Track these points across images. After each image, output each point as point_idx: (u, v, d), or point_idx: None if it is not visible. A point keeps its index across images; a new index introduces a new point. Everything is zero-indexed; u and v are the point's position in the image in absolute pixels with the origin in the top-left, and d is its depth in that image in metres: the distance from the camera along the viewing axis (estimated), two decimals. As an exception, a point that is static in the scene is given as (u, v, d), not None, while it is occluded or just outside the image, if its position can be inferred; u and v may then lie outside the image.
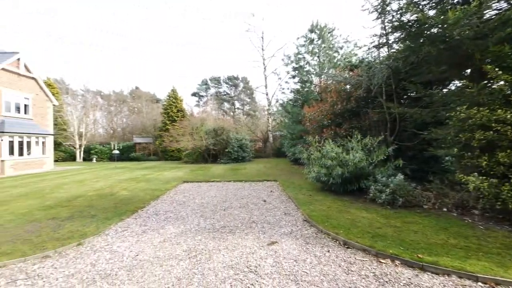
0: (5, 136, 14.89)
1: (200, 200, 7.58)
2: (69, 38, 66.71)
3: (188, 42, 73.23)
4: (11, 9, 59.84)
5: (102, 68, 67.60)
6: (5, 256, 3.78)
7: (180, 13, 68.17)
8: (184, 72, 73.60)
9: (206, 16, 66.35)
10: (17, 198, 7.73)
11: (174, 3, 65.09)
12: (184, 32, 73.31)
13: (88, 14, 64.82)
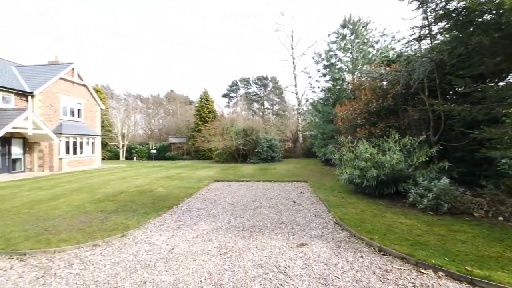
0: (63, 137, 16.93)
1: (231, 199, 7.78)
2: (69, 38, 68.71)
3: (218, 45, 75.56)
4: (11, 9, 62.24)
5: (142, 73, 73.08)
6: (64, 242, 4.31)
7: (218, 19, 70.51)
8: (215, 74, 76.12)
9: (234, 18, 67.69)
10: (72, 192, 8.76)
11: (189, 3, 66.80)
12: (214, 36, 75.79)
13: (88, 14, 66.81)
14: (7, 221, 5.47)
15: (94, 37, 71.77)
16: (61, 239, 4.45)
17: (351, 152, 8.21)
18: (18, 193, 8.69)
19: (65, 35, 68.45)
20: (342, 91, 16.68)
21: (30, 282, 3.21)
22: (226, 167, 17.62)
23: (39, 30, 67.34)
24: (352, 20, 19.47)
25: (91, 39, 72.51)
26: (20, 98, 15.36)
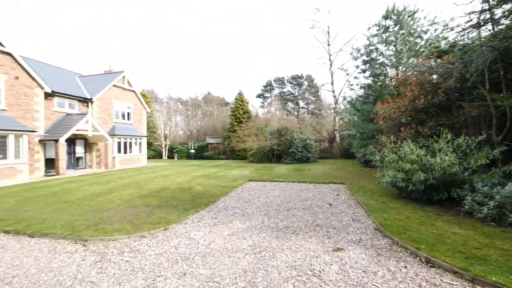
0: (115, 138, 18.97)
1: (265, 199, 7.84)
2: (69, 38, 68.36)
3: (253, 46, 76.57)
4: (11, 9, 61.38)
5: (182, 76, 77.86)
6: (117, 232, 4.84)
7: (250, 20, 71.75)
8: (250, 75, 77.31)
9: (273, 18, 67.74)
10: (123, 187, 9.77)
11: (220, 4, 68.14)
12: (248, 37, 77.01)
13: (88, 14, 66.66)
14: (73, 211, 6.35)
15: (94, 37, 72.13)
16: (114, 229, 5.00)
17: (394, 153, 7.60)
18: (80, 186, 10.01)
19: (65, 35, 68.66)
20: (384, 88, 15.53)
21: (91, 265, 3.68)
22: (260, 167, 17.78)
23: (39, 30, 66.98)
24: (396, 10, 17.99)
25: (91, 39, 72.68)
26: (82, 104, 17.65)
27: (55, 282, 3.23)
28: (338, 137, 27.13)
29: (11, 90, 13.01)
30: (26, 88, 13.78)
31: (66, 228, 5.08)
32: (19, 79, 13.43)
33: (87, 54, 69.35)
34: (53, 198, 7.94)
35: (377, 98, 15.08)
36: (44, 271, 3.52)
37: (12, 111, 13.07)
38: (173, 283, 3.15)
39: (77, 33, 69.95)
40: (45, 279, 3.31)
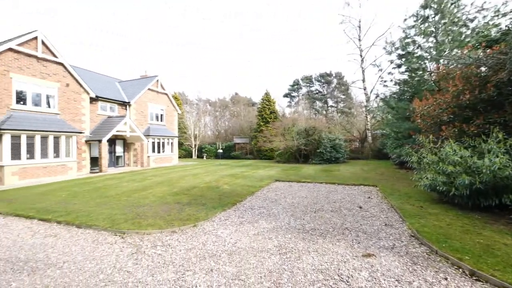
0: (150, 138, 20.25)
1: (291, 199, 7.75)
2: (69, 38, 67.07)
3: (281, 46, 76.18)
4: (11, 9, 60.97)
5: (211, 78, 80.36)
6: (150, 226, 5.17)
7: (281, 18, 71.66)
8: (277, 74, 77.02)
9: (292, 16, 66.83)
10: (156, 184, 10.40)
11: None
12: (274, 36, 76.75)
13: (88, 14, 65.81)
14: (113, 205, 6.92)
15: (94, 37, 72.99)
16: (148, 223, 5.34)
17: (433, 154, 6.99)
18: (120, 183, 10.87)
19: (65, 35, 68.27)
20: (422, 83, 14.37)
21: (127, 256, 3.98)
22: (287, 167, 17.62)
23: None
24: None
25: (91, 39, 73.23)
26: (121, 107, 19.16)
27: (98, 270, 3.55)
28: (370, 136, 25.74)
29: (62, 96, 14.62)
30: (75, 94, 15.36)
31: (107, 221, 5.56)
32: (69, 86, 15.03)
33: (88, 54, 70.49)
34: (97, 193, 8.75)
35: (414, 95, 14.02)
36: (89, 259, 3.90)
37: (64, 115, 14.67)
38: (200, 278, 3.27)
39: (77, 33, 70.58)
40: (89, 266, 3.66)
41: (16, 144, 11.93)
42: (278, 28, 74.23)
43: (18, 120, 12.19)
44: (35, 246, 4.47)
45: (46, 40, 13.69)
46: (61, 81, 14.56)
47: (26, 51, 12.84)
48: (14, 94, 12.48)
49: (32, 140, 12.50)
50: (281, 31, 75.27)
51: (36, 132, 12.53)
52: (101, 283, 3.21)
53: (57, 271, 3.54)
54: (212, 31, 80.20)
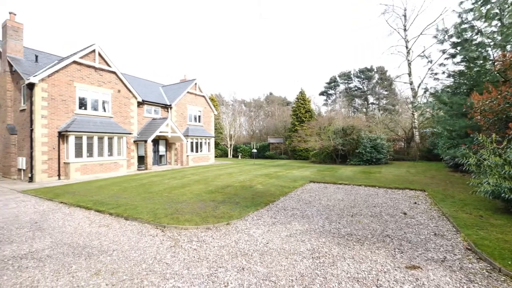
0: (189, 138, 21.44)
1: (326, 202, 7.44)
2: (116, 46, 76.03)
3: (316, 42, 74.00)
4: (62, 21, 66.86)
5: (245, 79, 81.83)
6: (187, 222, 5.46)
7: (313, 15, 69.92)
8: (313, 72, 75.00)
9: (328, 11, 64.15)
10: (194, 182, 10.95)
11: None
12: (310, 34, 74.72)
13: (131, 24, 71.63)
14: (155, 201, 7.49)
15: (138, 44, 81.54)
16: (185, 219, 5.65)
17: (497, 155, 6.02)
18: (162, 180, 11.73)
19: (112, 43, 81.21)
20: (483, 74, 12.54)
21: (166, 249, 4.26)
22: (323, 168, 17.01)
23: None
24: (502, -25, 14.22)
25: (134, 46, 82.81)
26: (164, 110, 20.67)
27: (141, 260, 3.87)
28: (418, 136, 23.38)
29: (115, 101, 16.35)
30: (125, 99, 17.06)
31: (150, 214, 6.04)
32: (120, 92, 16.74)
33: (136, 60, 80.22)
34: (142, 188, 9.57)
35: (473, 88, 12.32)
36: (134, 249, 4.28)
37: (116, 118, 16.39)
38: (232, 276, 3.33)
39: (124, 40, 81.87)
40: (134, 256, 4.01)
41: (79, 144, 13.71)
42: (312, 25, 72.17)
43: (80, 123, 14.01)
44: (91, 234, 5.07)
45: (102, 52, 15.46)
46: (114, 88, 16.29)
47: (86, 63, 14.68)
48: (77, 100, 14.37)
49: (91, 141, 14.23)
50: (315, 27, 73.06)
51: (94, 134, 14.23)
52: (143, 272, 3.49)
53: (108, 258, 3.95)
54: (247, 32, 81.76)
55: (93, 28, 77.99)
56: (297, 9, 78.13)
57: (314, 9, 76.94)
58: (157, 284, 3.16)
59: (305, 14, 79.36)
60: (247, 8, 79.67)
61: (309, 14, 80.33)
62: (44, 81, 12.94)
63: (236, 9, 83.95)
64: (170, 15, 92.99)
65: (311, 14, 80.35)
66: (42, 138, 12.84)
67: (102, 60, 15.62)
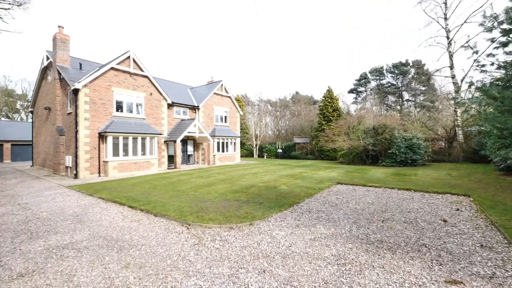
0: (215, 138, 21.97)
1: (354, 205, 7.06)
2: (147, 50, 77.82)
3: (344, 38, 71.19)
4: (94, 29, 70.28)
5: (271, 79, 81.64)
6: (211, 221, 5.55)
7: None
8: (341, 69, 72.31)
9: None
10: (219, 181, 11.16)
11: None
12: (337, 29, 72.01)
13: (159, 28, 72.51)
14: (182, 199, 7.77)
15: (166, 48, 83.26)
16: (209, 218, 5.75)
17: (561, 157, 5.17)
18: (189, 179, 12.15)
19: (143, 48, 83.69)
20: (543, 63, 10.90)
21: (190, 246, 4.36)
22: (351, 169, 16.24)
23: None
24: None
25: (162, 49, 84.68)
26: (192, 111, 21.44)
27: (166, 256, 4.01)
28: (461, 135, 21.19)
29: (147, 104, 17.37)
30: (156, 101, 18.03)
31: (177, 212, 6.26)
32: (152, 95, 17.74)
33: (164, 63, 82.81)
34: (171, 186, 10.00)
35: (529, 80, 10.75)
36: (160, 245, 4.45)
37: (148, 119, 17.40)
38: (253, 278, 3.29)
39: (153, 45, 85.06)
40: (160, 251, 4.17)
41: (116, 144, 14.81)
42: (338, 22, 69.53)
43: (117, 125, 15.11)
44: (124, 228, 5.40)
45: (136, 58, 16.51)
46: (146, 91, 17.31)
47: (122, 69, 15.79)
48: (115, 103, 15.52)
49: (126, 141, 15.28)
50: (342, 24, 70.30)
51: (129, 134, 15.25)
52: (167, 268, 3.60)
53: (137, 252, 4.16)
54: (273, 32, 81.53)
55: (127, 35, 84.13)
56: (324, 6, 75.89)
57: (342, 5, 74.06)
58: (180, 281, 3.23)
59: (332, 11, 76.77)
60: (271, 8, 79.55)
61: (336, 11, 77.54)
62: (86, 86, 14.19)
63: (259, 9, 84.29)
64: (202, 20, 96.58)
65: (338, 11, 77.48)
66: (85, 139, 14.09)
67: (136, 66, 16.67)
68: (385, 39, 65.29)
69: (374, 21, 67.07)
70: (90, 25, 75.23)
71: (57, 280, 3.32)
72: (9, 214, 6.69)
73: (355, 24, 72.24)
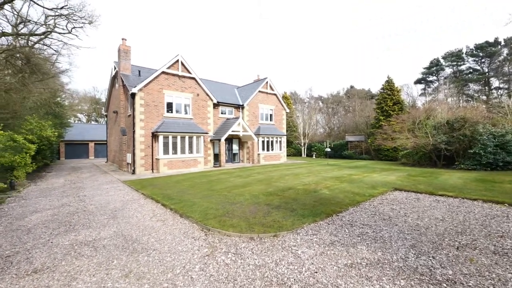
0: (260, 137, 21.56)
1: (415, 220, 5.48)
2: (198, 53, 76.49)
3: (403, 23, 62.35)
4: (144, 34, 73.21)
5: (324, 74, 77.42)
6: (232, 228, 4.96)
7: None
8: (404, 57, 63.61)
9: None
10: (256, 182, 10.57)
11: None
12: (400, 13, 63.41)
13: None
14: (212, 200, 7.44)
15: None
16: (231, 224, 5.18)
17: None
18: (228, 178, 11.95)
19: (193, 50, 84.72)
20: None
21: (199, 258, 3.85)
22: (416, 172, 13.54)
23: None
24: None
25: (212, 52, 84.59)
26: (237, 110, 21.53)
27: (170, 267, 3.58)
28: None
29: (194, 104, 18.09)
30: (202, 101, 18.65)
31: (201, 214, 5.92)
32: (199, 96, 18.41)
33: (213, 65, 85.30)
34: (208, 185, 9.90)
35: None
36: (171, 252, 4.08)
37: (195, 119, 18.12)
38: (257, 314, 2.53)
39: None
40: (167, 260, 3.78)
41: (166, 143, 15.81)
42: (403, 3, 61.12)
43: (167, 125, 16.12)
44: (147, 228, 5.29)
45: (184, 61, 17.34)
46: (193, 92, 18.05)
47: (172, 72, 16.78)
48: (165, 105, 16.60)
49: (175, 140, 16.18)
50: (407, 5, 61.56)
51: (177, 133, 16.10)
52: (165, 283, 3.15)
53: (145, 258, 3.87)
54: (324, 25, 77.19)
55: (178, 40, 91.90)
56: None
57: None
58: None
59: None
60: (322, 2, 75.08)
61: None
62: (141, 90, 15.51)
63: (311, 4, 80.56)
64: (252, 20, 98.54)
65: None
66: (140, 138, 15.44)
67: (184, 68, 17.51)
68: (457, 20, 54.22)
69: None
70: (149, 36, 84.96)
71: (59, 283, 3.21)
72: (66, 205, 7.48)
73: (423, 7, 62.15)
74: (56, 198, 8.48)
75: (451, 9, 57.56)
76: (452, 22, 57.82)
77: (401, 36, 69.38)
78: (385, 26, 75.20)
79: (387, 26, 74.84)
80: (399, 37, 69.88)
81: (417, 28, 66.09)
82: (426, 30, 63.85)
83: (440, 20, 61.09)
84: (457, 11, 56.60)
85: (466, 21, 54.87)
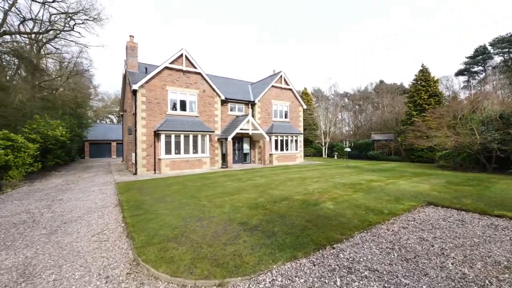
0: (273, 136, 19.80)
1: (460, 265, 3.43)
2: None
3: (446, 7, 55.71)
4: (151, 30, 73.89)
5: (349, 69, 72.68)
6: (166, 264, 3.43)
7: None
8: (442, 46, 57.03)
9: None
10: (250, 188, 8.80)
11: None
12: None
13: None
14: (187, 210, 6.00)
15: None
16: (172, 256, 3.65)
17: None
18: (225, 182, 10.45)
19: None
20: None
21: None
22: (459, 179, 10.75)
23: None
24: None
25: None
26: (247, 107, 20.02)
27: None
28: None
29: (200, 101, 16.96)
30: (209, 98, 17.46)
31: (148, 235, 4.49)
32: (205, 92, 17.25)
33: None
34: (194, 191, 8.50)
35: None
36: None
37: (201, 117, 16.99)
38: None
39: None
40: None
41: (168, 142, 14.85)
42: None
43: (170, 123, 15.16)
44: (69, 254, 4.02)
45: (188, 55, 16.26)
46: (199, 88, 16.93)
47: (175, 67, 15.80)
48: (169, 102, 15.68)
49: (178, 139, 15.16)
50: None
51: (180, 132, 15.07)
52: None
53: None
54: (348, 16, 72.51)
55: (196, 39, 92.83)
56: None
57: (447, -38, 57.76)
58: None
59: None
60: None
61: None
62: (143, 87, 14.74)
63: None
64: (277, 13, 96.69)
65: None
66: (142, 137, 14.66)
67: (189, 63, 16.45)
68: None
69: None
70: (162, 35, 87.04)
71: None
72: (26, 212, 6.61)
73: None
74: (28, 202, 7.73)
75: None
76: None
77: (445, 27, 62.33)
78: (410, 14, 68.23)
79: (422, 12, 67.79)
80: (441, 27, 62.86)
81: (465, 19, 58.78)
82: (473, 19, 56.46)
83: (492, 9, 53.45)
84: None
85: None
